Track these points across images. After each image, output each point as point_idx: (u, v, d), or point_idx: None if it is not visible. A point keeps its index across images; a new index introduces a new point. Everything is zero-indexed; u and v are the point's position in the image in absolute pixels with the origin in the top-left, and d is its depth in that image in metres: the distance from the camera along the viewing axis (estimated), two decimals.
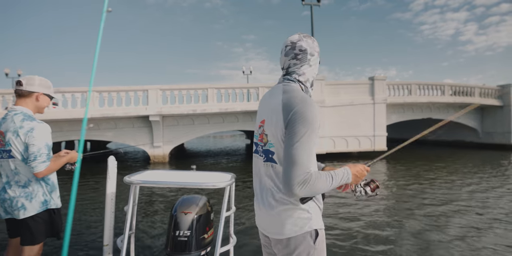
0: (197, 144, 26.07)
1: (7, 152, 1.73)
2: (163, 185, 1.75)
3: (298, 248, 1.08)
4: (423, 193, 6.21)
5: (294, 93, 1.08)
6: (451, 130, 18.63)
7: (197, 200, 1.86)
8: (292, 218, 1.08)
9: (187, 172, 2.04)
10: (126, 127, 12.59)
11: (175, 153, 15.63)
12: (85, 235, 3.69)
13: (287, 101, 1.06)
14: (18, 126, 1.70)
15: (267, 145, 1.12)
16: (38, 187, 1.77)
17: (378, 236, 3.72)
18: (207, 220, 1.84)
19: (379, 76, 13.90)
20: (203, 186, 1.71)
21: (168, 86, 12.61)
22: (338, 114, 13.33)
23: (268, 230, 1.16)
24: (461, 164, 10.93)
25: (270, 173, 1.12)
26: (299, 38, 1.17)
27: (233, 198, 1.90)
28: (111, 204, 1.95)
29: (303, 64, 1.17)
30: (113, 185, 2.00)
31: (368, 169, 1.18)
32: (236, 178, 1.86)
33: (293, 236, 1.08)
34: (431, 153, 14.98)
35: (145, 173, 1.92)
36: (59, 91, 11.60)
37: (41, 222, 1.76)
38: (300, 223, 1.08)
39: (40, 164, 1.69)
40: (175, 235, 1.75)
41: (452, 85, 16.04)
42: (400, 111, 15.54)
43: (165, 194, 6.28)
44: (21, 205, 1.72)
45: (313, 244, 1.08)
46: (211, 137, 41.40)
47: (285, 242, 1.09)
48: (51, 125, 2.02)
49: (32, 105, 1.84)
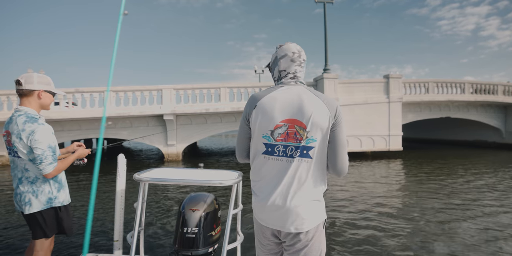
0: (209, 143, 26.36)
1: (15, 153, 1.78)
2: (171, 183, 1.78)
3: (315, 236, 1.22)
4: (438, 194, 6.01)
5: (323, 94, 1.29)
6: (472, 130, 17.91)
7: (204, 198, 1.89)
8: (317, 209, 1.23)
9: (195, 170, 2.07)
10: (141, 126, 12.89)
11: (188, 152, 15.87)
12: (95, 231, 3.78)
13: (327, 99, 1.24)
14: (21, 129, 1.71)
15: (305, 142, 1.17)
16: (45, 185, 1.80)
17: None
18: (215, 218, 1.87)
19: (395, 74, 13.54)
20: (210, 183, 1.73)
21: (181, 86, 12.80)
22: (352, 113, 13.10)
23: (298, 227, 1.20)
24: (483, 164, 10.49)
25: (301, 169, 1.18)
26: (300, 48, 1.33)
27: (240, 196, 1.91)
28: (121, 200, 2.01)
29: (303, 71, 1.35)
30: (123, 182, 2.05)
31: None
32: (243, 176, 1.87)
33: (313, 227, 1.21)
34: (449, 153, 14.47)
35: (154, 170, 1.97)
36: (78, 91, 12.02)
37: (47, 218, 1.80)
38: (320, 213, 1.24)
39: (47, 166, 1.71)
40: (183, 232, 1.78)
41: (473, 82, 15.40)
42: (417, 110, 15.08)
43: (173, 191, 6.39)
44: (28, 200, 1.77)
45: (323, 229, 1.25)
46: (223, 136, 41.71)
47: (308, 235, 1.22)
48: (71, 124, 2.08)
49: (35, 103, 1.82)
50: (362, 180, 7.65)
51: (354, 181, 7.56)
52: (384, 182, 7.39)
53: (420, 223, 4.24)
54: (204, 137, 14.09)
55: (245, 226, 3.95)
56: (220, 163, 12.39)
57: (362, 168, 9.99)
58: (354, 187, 6.80)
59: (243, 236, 1.93)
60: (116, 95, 12.37)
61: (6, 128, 1.81)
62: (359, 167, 10.13)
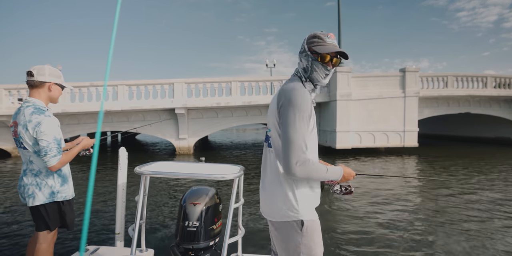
0: (220, 137, 26.53)
1: (21, 143, 1.79)
2: (172, 176, 1.76)
3: (287, 235, 1.17)
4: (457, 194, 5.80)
5: (291, 82, 1.22)
6: (494, 126, 17.12)
7: (206, 192, 1.87)
8: (281, 202, 1.18)
9: (196, 163, 2.04)
10: (153, 119, 13.08)
11: (200, 145, 16.01)
12: (97, 224, 3.84)
13: (282, 88, 1.22)
14: (27, 120, 1.72)
15: (268, 131, 1.25)
16: (48, 178, 1.80)
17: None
18: (216, 211, 1.84)
19: (411, 67, 13.05)
20: (211, 177, 1.70)
21: (193, 80, 12.84)
22: (365, 108, 12.77)
23: (263, 211, 1.28)
24: (508, 163, 10.03)
25: (269, 156, 1.24)
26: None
27: (241, 190, 1.88)
28: (122, 194, 2.01)
29: (301, 62, 1.31)
30: (124, 176, 2.05)
31: (354, 175, 1.29)
32: (244, 170, 1.83)
33: (280, 221, 1.18)
34: (468, 150, 13.93)
35: (156, 164, 1.95)
36: (93, 85, 12.29)
37: (50, 211, 1.81)
38: (287, 210, 1.17)
39: (52, 158, 1.71)
40: (184, 225, 1.77)
41: (496, 76, 14.65)
42: (434, 105, 14.53)
43: (175, 185, 6.45)
44: (31, 193, 1.78)
45: (300, 232, 1.16)
46: (234, 130, 41.88)
47: (275, 225, 1.21)
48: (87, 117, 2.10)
49: (45, 95, 1.84)
50: (372, 177, 7.48)
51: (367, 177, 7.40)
52: (396, 180, 7.19)
53: (443, 227, 4.10)
54: (216, 131, 14.17)
55: (246, 220, 3.95)
56: (232, 157, 12.44)
57: (375, 164, 9.78)
58: (366, 184, 6.66)
59: (244, 230, 1.91)
60: (129, 89, 12.57)
61: (14, 118, 1.83)
62: (372, 163, 9.92)
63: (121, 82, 12.36)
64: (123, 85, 12.35)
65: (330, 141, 13.14)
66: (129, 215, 2.09)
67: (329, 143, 13.20)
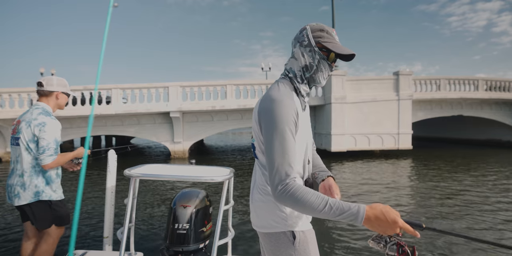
0: (216, 140, 26.44)
1: (16, 139, 1.87)
2: (162, 179, 1.75)
3: (277, 247, 1.05)
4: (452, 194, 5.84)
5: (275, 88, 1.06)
6: (485, 128, 17.37)
7: (196, 194, 1.86)
8: (268, 213, 1.06)
9: (186, 166, 2.03)
10: (148, 123, 13.01)
11: (195, 149, 15.94)
12: (85, 227, 3.78)
13: (264, 95, 1.07)
14: (33, 118, 1.86)
15: (252, 140, 1.13)
16: (31, 179, 1.86)
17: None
18: (206, 214, 1.83)
19: (405, 71, 13.22)
20: (201, 179, 1.69)
21: (188, 83, 12.83)
22: (360, 111, 12.88)
23: (252, 222, 1.15)
24: (499, 164, 10.15)
25: (255, 166, 1.13)
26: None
27: (231, 192, 1.87)
28: (111, 197, 2.00)
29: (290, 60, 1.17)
30: (113, 179, 2.04)
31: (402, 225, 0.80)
32: (234, 172, 1.82)
33: (269, 232, 1.06)
34: (460, 152, 14.08)
35: (145, 166, 1.94)
36: (86, 89, 12.19)
37: (36, 211, 1.85)
38: (275, 220, 1.05)
39: (48, 157, 1.81)
40: (174, 228, 1.76)
41: (487, 79, 14.90)
42: (428, 107, 14.72)
43: (164, 187, 6.39)
44: (17, 193, 1.83)
45: (292, 245, 1.03)
46: (230, 133, 41.79)
47: (265, 237, 1.08)
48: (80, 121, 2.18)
49: (53, 103, 2.02)
50: (372, 177, 7.51)
51: (362, 178, 7.43)
52: (392, 181, 7.23)
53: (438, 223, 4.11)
54: (211, 135, 14.13)
55: (236, 222, 3.93)
56: (229, 161, 12.39)
57: (371, 168, 9.82)
58: (361, 184, 6.68)
59: (234, 232, 1.89)
60: (123, 93, 12.50)
61: (19, 118, 1.94)
62: (367, 166, 9.96)
63: (115, 86, 12.30)
64: (117, 89, 12.29)
65: (325, 144, 13.19)
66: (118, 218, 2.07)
67: (324, 146, 13.24)
